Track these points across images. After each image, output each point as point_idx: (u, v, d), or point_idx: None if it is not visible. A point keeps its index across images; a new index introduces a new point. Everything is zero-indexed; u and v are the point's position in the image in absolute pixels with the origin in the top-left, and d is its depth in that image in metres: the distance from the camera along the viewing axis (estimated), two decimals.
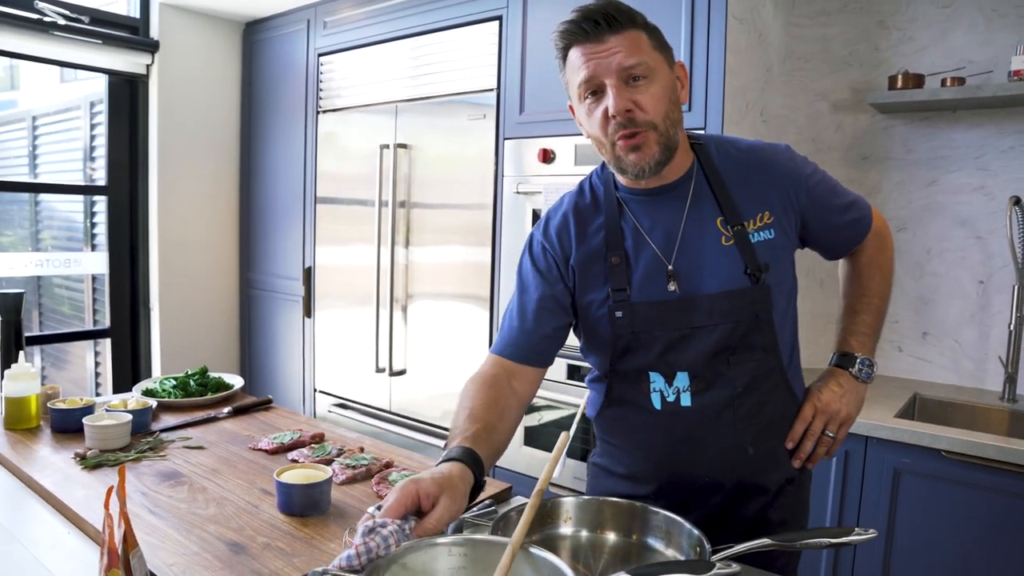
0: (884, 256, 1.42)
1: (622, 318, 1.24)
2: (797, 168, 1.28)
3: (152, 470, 1.57)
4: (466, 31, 2.82)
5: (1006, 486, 1.85)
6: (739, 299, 1.21)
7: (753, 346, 1.23)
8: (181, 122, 3.63)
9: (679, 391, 1.24)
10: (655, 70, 1.16)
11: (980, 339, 2.48)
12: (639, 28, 1.17)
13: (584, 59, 1.16)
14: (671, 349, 1.23)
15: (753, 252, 1.22)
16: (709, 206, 1.25)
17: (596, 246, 1.29)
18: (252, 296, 3.92)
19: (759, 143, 1.33)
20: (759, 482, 1.28)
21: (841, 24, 2.64)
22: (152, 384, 2.18)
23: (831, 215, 1.32)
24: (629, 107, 1.14)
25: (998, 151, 2.40)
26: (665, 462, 1.30)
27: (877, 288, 1.40)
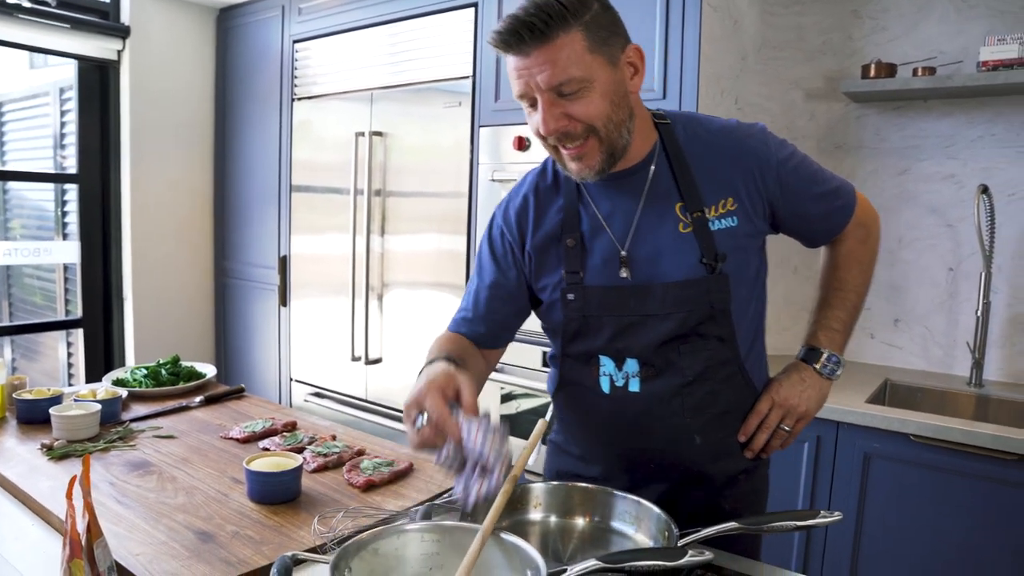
0: (865, 248, 1.35)
1: (574, 301, 1.24)
2: (769, 152, 1.21)
3: (121, 460, 1.55)
4: (441, 18, 2.80)
5: (971, 469, 1.89)
6: (693, 289, 1.18)
7: (707, 335, 1.21)
8: (154, 109, 3.58)
9: (628, 376, 1.23)
10: (590, 78, 1.08)
11: (949, 325, 2.51)
12: (572, 30, 1.06)
13: (515, 73, 1.10)
14: (621, 335, 1.22)
15: (711, 240, 1.18)
16: (669, 191, 1.21)
17: (553, 229, 1.27)
18: (227, 285, 3.88)
19: (732, 123, 1.26)
20: (707, 471, 1.27)
21: (815, 13, 2.66)
22: (123, 374, 2.16)
23: (805, 203, 1.26)
24: (562, 124, 1.10)
25: (967, 140, 2.43)
26: (613, 445, 1.29)
27: (854, 282, 1.35)
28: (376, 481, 1.44)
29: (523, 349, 2.58)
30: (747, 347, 1.27)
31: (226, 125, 3.80)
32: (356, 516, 1.28)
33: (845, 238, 1.33)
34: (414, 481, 1.47)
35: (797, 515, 1.03)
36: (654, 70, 2.28)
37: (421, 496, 1.39)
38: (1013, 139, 2.35)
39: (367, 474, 1.45)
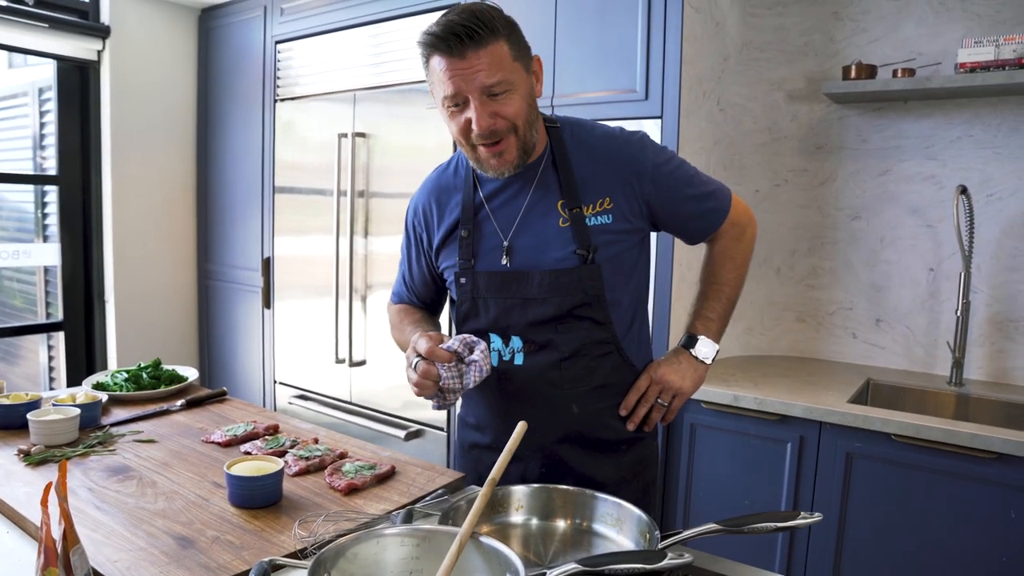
0: (739, 247, 1.47)
1: (465, 284, 1.40)
2: (645, 156, 1.35)
3: (100, 465, 1.53)
4: (424, 19, 2.79)
5: (951, 467, 1.90)
6: (567, 276, 1.32)
7: (581, 317, 1.34)
8: (135, 110, 3.55)
9: (513, 351, 1.38)
10: (514, 81, 1.24)
11: (930, 325, 2.53)
12: (500, 38, 1.21)
13: (447, 74, 1.21)
14: (505, 315, 1.37)
15: (587, 234, 1.32)
16: (552, 189, 1.35)
17: (453, 221, 1.43)
18: (210, 287, 3.86)
19: (614, 131, 1.40)
20: (585, 436, 1.39)
21: (797, 14, 2.67)
22: (103, 377, 2.13)
23: (680, 204, 1.39)
24: (492, 122, 1.23)
25: (946, 141, 2.45)
26: (501, 414, 1.43)
27: (727, 277, 1.47)
28: (358, 484, 1.43)
29: None
30: (624, 329, 1.40)
31: (208, 126, 3.78)
32: (337, 520, 1.27)
33: (720, 236, 1.46)
34: (396, 484, 1.46)
35: (777, 516, 1.04)
36: (636, 72, 2.28)
37: (403, 499, 1.38)
38: (991, 140, 2.37)
39: (349, 477, 1.45)
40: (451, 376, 1.25)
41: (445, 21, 1.19)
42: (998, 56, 2.15)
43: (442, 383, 1.25)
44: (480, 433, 1.49)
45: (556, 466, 1.39)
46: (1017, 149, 2.34)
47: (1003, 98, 2.34)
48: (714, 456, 2.29)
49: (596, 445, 1.39)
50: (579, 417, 1.38)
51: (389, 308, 1.65)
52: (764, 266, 2.74)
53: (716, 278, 1.47)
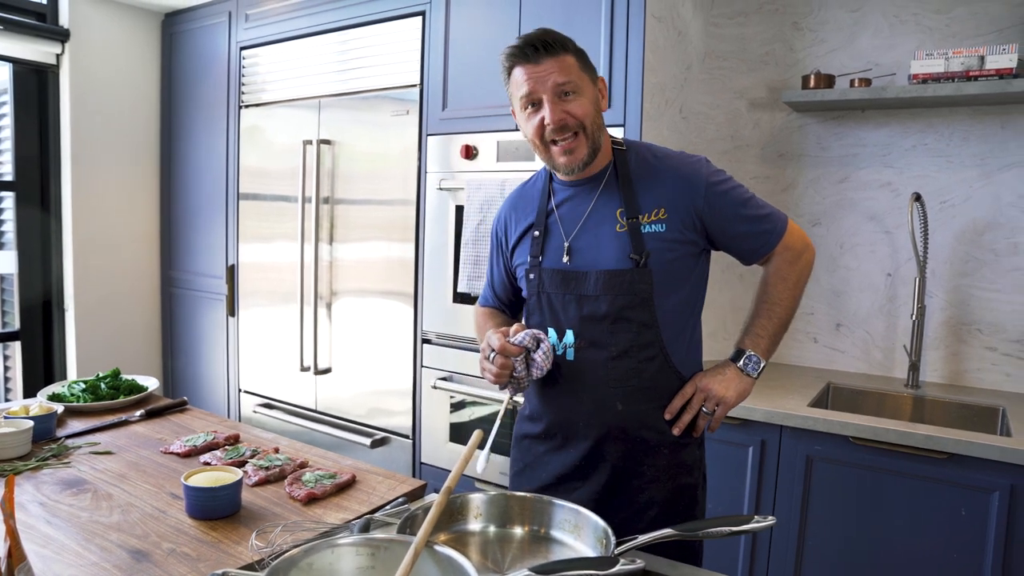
0: (793, 269, 1.52)
1: (534, 279, 1.53)
2: (700, 176, 1.46)
3: (53, 478, 1.50)
4: (389, 26, 2.79)
5: (907, 468, 1.94)
6: (620, 277, 1.43)
7: (631, 319, 1.43)
8: (96, 115, 3.49)
9: (567, 347, 1.47)
10: (582, 87, 1.41)
11: (888, 329, 2.58)
12: (570, 53, 1.41)
13: (525, 77, 1.40)
14: (563, 309, 1.48)
15: (641, 240, 1.43)
16: (614, 199, 1.48)
17: (528, 224, 1.58)
18: (173, 295, 3.81)
19: (677, 154, 1.52)
20: (628, 434, 1.45)
21: (758, 24, 2.72)
22: (60, 388, 2.09)
23: (733, 223, 1.47)
24: (562, 117, 1.39)
25: (902, 149, 2.50)
26: (552, 406, 1.52)
27: (779, 297, 1.52)
28: (318, 494, 1.42)
29: (473, 357, 2.58)
30: (672, 335, 1.47)
31: (172, 132, 3.73)
32: (295, 530, 1.26)
33: (774, 258, 1.52)
34: (356, 493, 1.46)
35: (732, 520, 1.05)
36: None
37: (363, 508, 1.38)
38: (943, 149, 2.43)
39: (309, 487, 1.44)
40: (521, 368, 1.39)
41: (524, 37, 1.40)
42: (948, 68, 2.20)
43: (515, 373, 1.40)
44: (532, 423, 1.57)
45: (595, 458, 1.46)
46: (968, 158, 2.40)
47: (953, 109, 2.40)
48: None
49: (637, 443, 1.45)
50: (623, 414, 1.45)
51: (476, 312, 1.78)
52: (727, 272, 2.78)
53: (768, 297, 1.53)
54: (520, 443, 1.62)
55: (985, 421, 2.25)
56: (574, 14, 2.34)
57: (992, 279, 2.40)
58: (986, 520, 1.85)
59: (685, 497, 1.50)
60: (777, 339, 1.53)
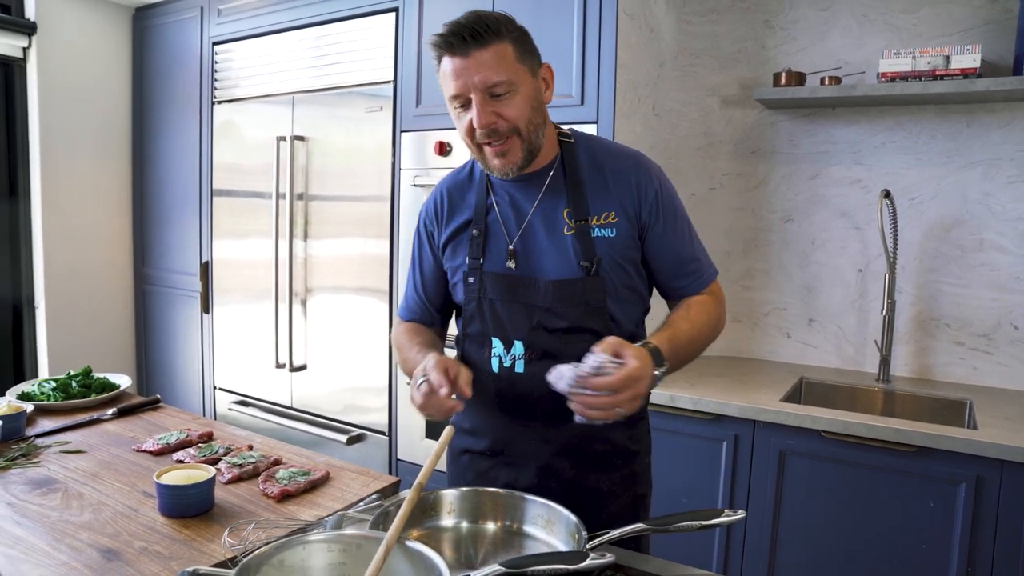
0: (717, 309, 1.39)
1: (472, 283, 1.40)
2: (651, 185, 1.36)
3: (22, 478, 1.49)
4: (363, 22, 2.78)
5: (877, 461, 1.98)
6: (571, 288, 1.33)
7: (585, 328, 1.33)
8: (65, 109, 3.44)
9: (515, 358, 1.37)
10: (517, 83, 1.26)
11: (860, 324, 2.62)
12: (505, 40, 1.24)
13: (453, 74, 1.25)
14: (509, 319, 1.37)
15: (591, 245, 1.32)
16: (560, 198, 1.36)
17: (464, 220, 1.43)
18: (147, 292, 3.77)
19: (629, 153, 1.41)
20: (582, 449, 1.37)
21: (730, 22, 2.74)
22: (30, 387, 2.07)
23: (672, 246, 1.37)
24: (492, 120, 1.25)
25: (872, 147, 2.54)
26: (500, 420, 1.41)
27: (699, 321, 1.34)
28: (291, 491, 1.42)
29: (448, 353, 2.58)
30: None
31: (144, 127, 3.69)
32: (268, 527, 1.26)
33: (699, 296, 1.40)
34: (330, 490, 1.46)
35: (701, 515, 1.06)
36: (572, 77, 2.31)
37: (336, 505, 1.38)
38: (912, 146, 2.47)
39: (282, 484, 1.44)
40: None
41: (452, 23, 1.25)
42: (915, 67, 2.24)
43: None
44: (474, 438, 1.45)
45: (548, 476, 1.36)
46: (935, 156, 2.44)
47: (921, 107, 2.44)
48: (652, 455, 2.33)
49: (591, 457, 1.37)
50: (577, 427, 1.24)
51: (396, 329, 1.57)
52: None
53: (689, 316, 1.34)
54: (459, 459, 1.49)
55: (953, 414, 2.29)
56: (546, 11, 2.34)
57: (959, 274, 2.45)
58: (953, 511, 1.89)
59: (640, 508, 1.45)
60: (681, 364, 1.31)
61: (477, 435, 1.45)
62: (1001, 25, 2.31)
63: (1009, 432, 1.89)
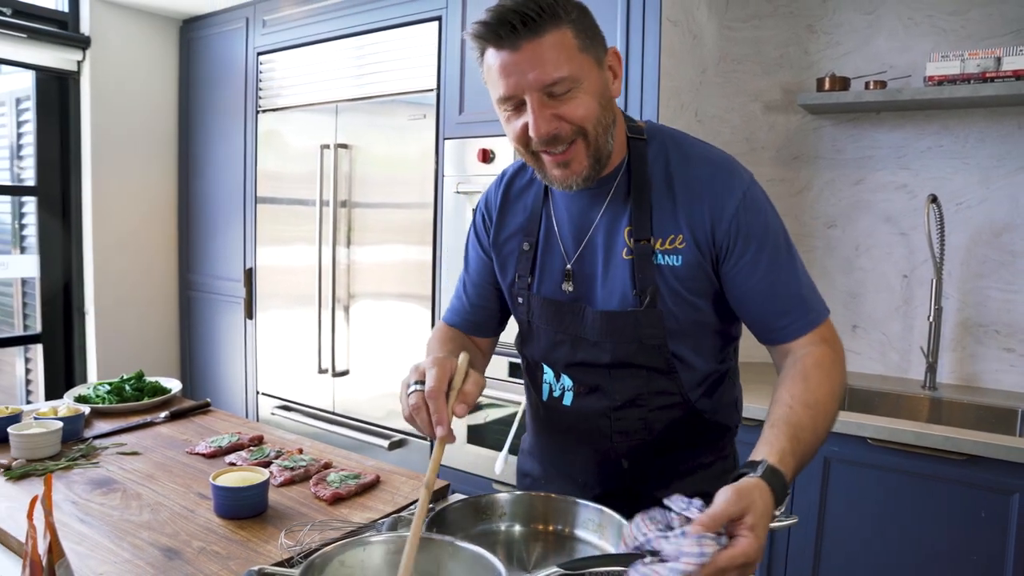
0: (839, 372, 1.08)
1: (522, 305, 1.24)
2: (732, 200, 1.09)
3: (83, 478, 1.53)
4: (406, 31, 2.82)
5: (925, 469, 1.94)
6: (622, 320, 1.13)
7: (639, 365, 1.14)
8: (116, 120, 3.54)
9: (564, 389, 1.22)
10: (583, 76, 1.03)
11: (905, 331, 2.58)
12: (564, 25, 1.01)
13: (500, 71, 1.02)
14: (558, 348, 1.20)
15: (651, 273, 1.10)
16: (623, 212, 1.14)
17: (515, 227, 1.26)
18: (192, 298, 3.85)
19: (714, 158, 1.14)
20: (639, 496, 1.15)
21: (772, 27, 2.72)
22: (85, 390, 2.13)
23: (756, 281, 1.10)
24: (553, 127, 1.04)
25: (918, 151, 2.51)
26: (548, 451, 1.30)
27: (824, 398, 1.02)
28: (343, 494, 1.44)
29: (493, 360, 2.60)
30: (697, 376, 1.18)
31: (190, 136, 3.77)
32: (323, 529, 1.28)
33: (809, 346, 1.10)
34: (381, 493, 1.48)
35: None
36: None
37: (388, 508, 1.40)
38: (959, 151, 2.43)
39: (334, 487, 1.46)
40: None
41: (498, 7, 1.00)
42: (963, 70, 2.21)
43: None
44: (532, 461, 1.35)
45: None
46: (984, 160, 2.40)
47: (969, 110, 2.40)
48: None
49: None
50: (628, 473, 1.18)
51: (433, 331, 1.39)
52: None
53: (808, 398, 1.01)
54: (522, 480, 1.40)
55: (1003, 423, 2.25)
56: None
57: (1009, 280, 2.40)
58: (1006, 522, 1.85)
59: None
60: (803, 465, 0.98)
61: (535, 462, 1.35)
62: None
63: None
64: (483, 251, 1.33)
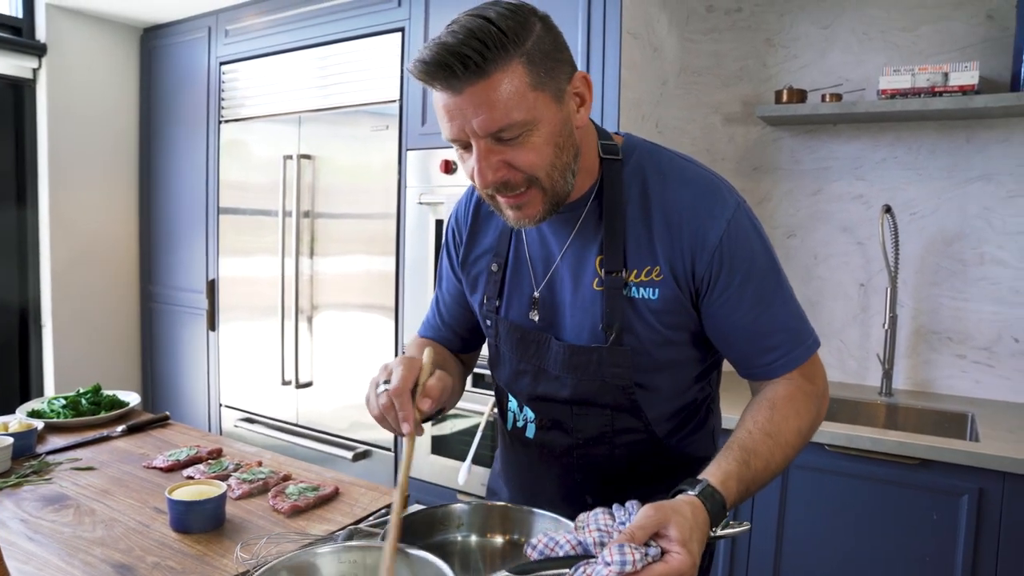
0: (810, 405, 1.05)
1: (491, 328, 1.18)
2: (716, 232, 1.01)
3: (34, 495, 1.50)
4: (369, 42, 2.82)
5: (880, 474, 1.98)
6: (585, 356, 1.06)
7: (603, 404, 1.09)
8: (74, 129, 3.49)
9: (526, 421, 1.18)
10: (535, 120, 0.93)
11: (862, 338, 2.64)
12: (513, 61, 0.89)
13: (444, 112, 0.94)
14: (521, 378, 1.15)
15: (620, 307, 1.03)
16: (594, 240, 1.06)
17: (486, 246, 1.19)
18: (154, 310, 3.79)
19: (697, 180, 1.06)
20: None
21: (732, 41, 2.78)
22: (40, 404, 2.08)
23: (739, 316, 1.03)
24: (500, 175, 0.95)
25: (873, 162, 2.57)
26: (516, 477, 1.26)
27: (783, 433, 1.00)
28: (301, 506, 1.43)
29: None
30: (665, 411, 1.13)
31: (151, 146, 3.73)
32: (280, 542, 1.27)
33: (787, 382, 1.06)
34: (339, 505, 1.47)
35: None
36: None
37: (346, 520, 1.39)
38: (912, 162, 2.50)
39: (292, 499, 1.45)
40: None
41: (438, 43, 0.88)
42: (914, 84, 2.27)
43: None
44: (500, 484, 1.31)
45: None
46: (935, 171, 2.46)
47: (921, 123, 2.47)
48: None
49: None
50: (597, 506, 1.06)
51: (408, 344, 1.34)
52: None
53: (769, 428, 0.99)
54: (491, 498, 1.36)
55: (955, 427, 2.30)
56: None
57: (961, 288, 2.47)
58: (956, 523, 1.90)
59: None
60: (755, 491, 1.00)
61: (501, 484, 1.32)
62: (999, 42, 2.34)
63: (1011, 444, 1.90)
64: (453, 271, 1.26)
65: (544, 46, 0.93)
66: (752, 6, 2.72)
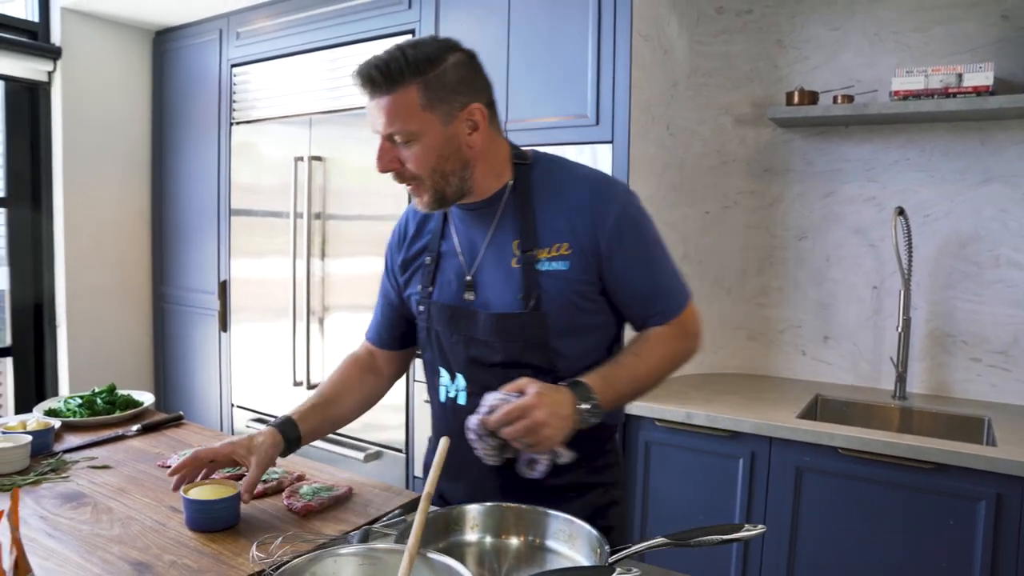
0: (678, 344, 1.36)
1: (423, 313, 1.39)
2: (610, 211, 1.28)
3: (53, 492, 1.51)
4: (379, 44, 2.82)
5: (894, 478, 1.98)
6: (509, 322, 1.28)
7: (527, 364, 1.29)
8: (88, 131, 3.51)
9: (458, 390, 1.36)
10: (419, 132, 1.19)
11: (875, 341, 2.62)
12: (410, 86, 1.16)
13: (368, 111, 1.23)
14: (454, 348, 1.35)
15: (535, 279, 1.27)
16: (511, 228, 1.31)
17: (422, 245, 1.42)
18: (166, 311, 3.81)
19: (594, 176, 1.34)
20: (530, 483, 1.26)
21: (742, 42, 2.77)
22: (56, 403, 2.10)
23: (632, 277, 1.30)
24: (391, 167, 1.23)
25: (885, 164, 2.56)
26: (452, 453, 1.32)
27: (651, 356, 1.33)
28: (315, 506, 1.44)
29: None
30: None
31: (163, 148, 3.75)
32: (295, 541, 1.28)
33: (663, 328, 1.35)
34: (353, 506, 1.48)
35: (722, 529, 1.07)
36: (587, 98, 2.35)
37: (360, 520, 1.40)
38: (925, 163, 2.49)
39: (306, 499, 1.45)
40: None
41: (367, 62, 1.19)
42: (927, 85, 2.26)
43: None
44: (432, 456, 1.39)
45: None
46: (948, 173, 2.45)
47: (933, 124, 2.46)
48: (669, 473, 2.34)
49: (541, 492, 1.26)
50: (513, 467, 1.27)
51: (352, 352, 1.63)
52: (716, 286, 2.81)
53: (640, 350, 1.33)
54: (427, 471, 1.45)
55: (971, 431, 2.29)
56: (561, 32, 2.39)
57: (975, 291, 2.45)
58: (974, 529, 1.89)
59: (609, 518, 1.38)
60: (623, 401, 1.31)
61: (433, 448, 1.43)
62: (1013, 43, 2.33)
63: None
64: (389, 276, 1.51)
65: (447, 78, 1.19)
66: (763, 8, 2.72)
